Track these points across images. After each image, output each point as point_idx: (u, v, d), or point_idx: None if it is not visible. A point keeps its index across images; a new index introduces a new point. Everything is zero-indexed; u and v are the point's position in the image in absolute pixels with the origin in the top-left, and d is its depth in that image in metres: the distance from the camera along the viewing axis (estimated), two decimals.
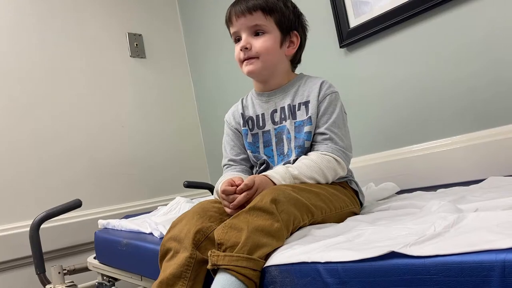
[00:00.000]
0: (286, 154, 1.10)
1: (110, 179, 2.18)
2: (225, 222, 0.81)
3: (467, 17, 1.33)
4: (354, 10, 1.61)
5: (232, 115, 1.22)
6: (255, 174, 1.12)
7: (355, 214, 1.04)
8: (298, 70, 1.23)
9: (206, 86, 2.50)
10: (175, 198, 1.69)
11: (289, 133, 1.10)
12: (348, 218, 0.96)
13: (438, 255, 0.53)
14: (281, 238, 0.79)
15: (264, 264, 0.75)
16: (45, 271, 1.62)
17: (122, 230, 1.44)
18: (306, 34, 1.19)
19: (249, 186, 0.91)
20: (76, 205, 1.67)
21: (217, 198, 1.05)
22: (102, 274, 1.57)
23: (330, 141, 1.05)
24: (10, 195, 1.90)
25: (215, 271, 0.76)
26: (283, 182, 0.96)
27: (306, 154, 1.05)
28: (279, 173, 0.98)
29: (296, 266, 0.69)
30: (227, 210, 0.93)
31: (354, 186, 1.11)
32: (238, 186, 0.92)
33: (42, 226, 1.62)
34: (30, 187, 1.95)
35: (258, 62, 1.09)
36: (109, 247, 1.42)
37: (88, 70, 2.21)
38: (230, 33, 1.15)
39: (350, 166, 1.11)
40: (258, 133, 1.16)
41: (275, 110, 1.14)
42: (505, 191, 0.91)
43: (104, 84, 2.25)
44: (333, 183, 1.05)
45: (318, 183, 1.00)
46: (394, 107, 1.54)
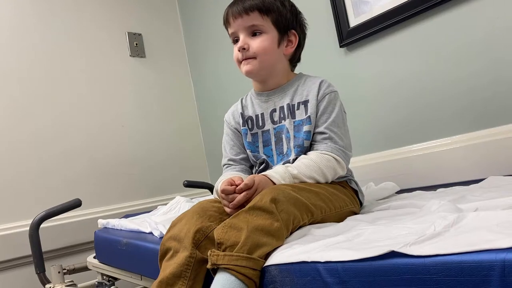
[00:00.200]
0: (285, 153, 1.10)
1: (110, 179, 2.18)
2: (224, 221, 0.81)
3: (467, 16, 1.33)
4: (354, 9, 1.61)
5: (231, 115, 1.22)
6: (255, 174, 1.12)
7: (355, 213, 1.04)
8: (298, 69, 1.23)
9: (206, 85, 2.50)
10: (175, 197, 1.70)
11: (288, 132, 1.10)
12: (348, 218, 0.96)
13: (438, 255, 0.53)
14: (281, 237, 0.79)
15: (264, 263, 0.75)
16: (45, 271, 1.62)
17: (122, 230, 1.44)
18: (305, 33, 1.19)
19: (248, 186, 0.91)
20: (76, 204, 1.67)
21: (216, 197, 1.05)
22: (102, 274, 1.56)
23: (329, 140, 1.05)
24: (10, 195, 1.90)
25: (215, 271, 0.76)
26: (283, 182, 0.96)
27: (305, 154, 1.05)
28: (279, 172, 0.98)
29: (296, 265, 0.69)
30: (227, 209, 0.93)
31: (353, 185, 1.11)
32: (237, 186, 0.92)
33: (42, 225, 1.62)
34: (30, 187, 1.95)
35: (256, 62, 1.09)
36: (109, 247, 1.42)
37: (88, 70, 2.21)
38: (228, 34, 1.15)
39: (350, 166, 1.11)
40: (257, 132, 1.16)
41: (274, 110, 1.14)
42: (505, 191, 0.91)
43: (104, 83, 2.25)
44: (332, 183, 1.05)
45: (318, 183, 1.00)
46: (394, 107, 1.54)
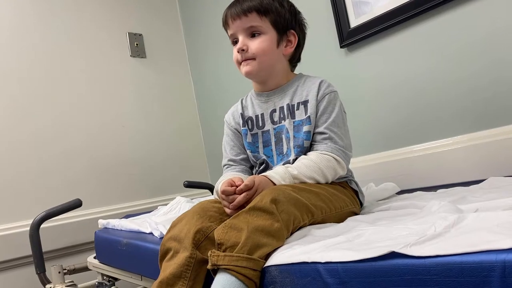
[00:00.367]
0: (285, 153, 1.10)
1: (110, 179, 2.18)
2: (225, 222, 0.81)
3: (468, 17, 1.33)
4: (354, 10, 1.61)
5: (231, 116, 1.22)
6: (255, 175, 1.12)
7: (355, 214, 1.04)
8: (298, 70, 1.23)
9: (206, 85, 2.50)
10: (175, 198, 1.70)
11: (288, 132, 1.10)
12: (348, 218, 0.96)
13: (438, 255, 0.53)
14: (281, 238, 0.79)
15: (264, 264, 0.75)
16: (45, 271, 1.62)
17: (122, 230, 1.44)
18: (305, 32, 1.19)
19: (249, 187, 0.91)
20: (76, 204, 1.67)
21: (217, 198, 1.05)
22: (102, 274, 1.57)
23: (329, 140, 1.05)
24: (11, 195, 1.90)
25: (215, 271, 0.76)
26: (283, 182, 0.96)
27: (305, 154, 1.05)
28: (279, 173, 0.98)
29: (296, 266, 0.69)
30: (227, 210, 0.93)
31: (354, 186, 1.11)
32: (238, 187, 0.91)
33: (42, 225, 1.62)
34: (30, 187, 1.95)
35: (255, 63, 1.10)
36: (109, 247, 1.42)
37: (88, 70, 2.21)
38: (228, 35, 1.16)
39: (350, 166, 1.11)
40: (257, 133, 1.16)
41: (274, 110, 1.14)
42: (505, 192, 0.91)
43: (104, 83, 2.25)
44: (333, 183, 1.05)
45: (318, 183, 1.00)
46: (395, 107, 1.54)
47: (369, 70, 1.61)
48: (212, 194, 2.07)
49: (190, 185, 2.07)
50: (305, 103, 1.09)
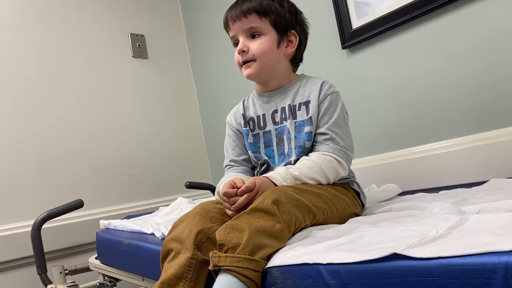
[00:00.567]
0: (286, 154, 1.10)
1: (111, 180, 2.18)
2: (226, 223, 0.81)
3: (470, 18, 1.33)
4: (356, 11, 1.61)
5: (233, 116, 1.22)
6: (256, 175, 1.12)
7: (357, 215, 1.04)
8: (300, 71, 1.23)
9: (208, 86, 2.50)
10: (177, 198, 1.69)
11: (289, 133, 1.10)
12: (350, 220, 0.96)
13: (440, 257, 0.53)
14: (282, 239, 0.79)
15: (265, 265, 0.75)
16: (46, 271, 1.62)
17: (123, 231, 1.44)
18: (307, 32, 1.19)
19: (250, 188, 0.91)
20: (77, 205, 1.68)
21: (218, 199, 1.05)
22: (103, 275, 1.57)
23: (331, 141, 1.05)
24: (12, 195, 1.90)
25: (217, 272, 0.75)
26: (284, 183, 0.96)
27: (307, 155, 1.05)
28: (280, 174, 0.98)
29: (297, 267, 0.69)
30: (228, 212, 0.93)
31: (355, 187, 1.11)
32: (239, 188, 0.91)
33: (44, 226, 1.63)
34: (31, 187, 1.95)
35: (256, 64, 1.10)
36: (110, 248, 1.42)
37: (89, 71, 2.22)
38: (229, 37, 1.16)
39: (352, 167, 1.11)
40: (259, 133, 1.16)
41: (276, 111, 1.14)
42: (507, 193, 0.90)
43: (106, 84, 2.26)
44: (334, 184, 1.05)
45: (319, 184, 1.00)
46: (396, 109, 1.54)
47: (371, 71, 1.61)
48: (213, 195, 2.07)
49: (192, 186, 2.07)
50: (306, 104, 1.09)
